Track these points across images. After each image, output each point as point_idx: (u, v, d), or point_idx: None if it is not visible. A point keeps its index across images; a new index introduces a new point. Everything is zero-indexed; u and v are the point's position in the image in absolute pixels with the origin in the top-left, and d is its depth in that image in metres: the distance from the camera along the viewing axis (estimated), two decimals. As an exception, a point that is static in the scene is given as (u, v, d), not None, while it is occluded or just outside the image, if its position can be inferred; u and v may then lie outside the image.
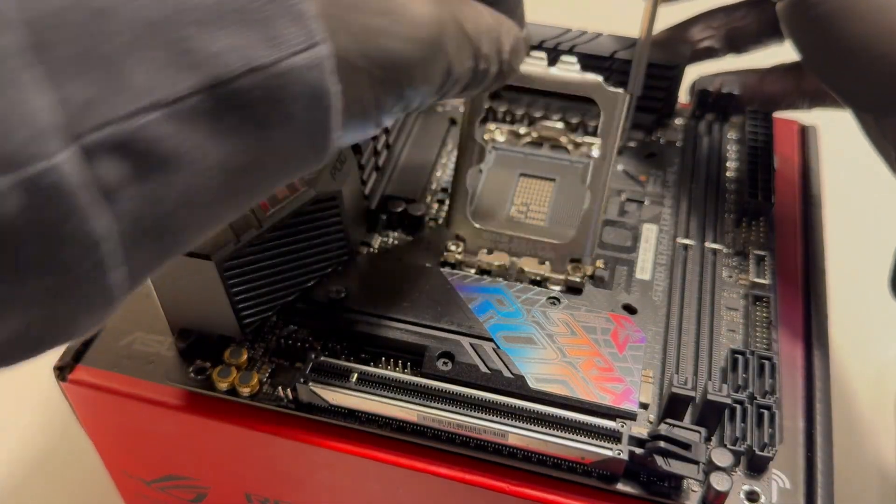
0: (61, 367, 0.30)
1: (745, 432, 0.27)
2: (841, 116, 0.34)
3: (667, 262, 0.33)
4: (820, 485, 0.27)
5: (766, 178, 0.36)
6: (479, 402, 0.27)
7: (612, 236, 0.35)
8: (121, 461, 0.35)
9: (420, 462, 0.27)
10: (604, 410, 0.27)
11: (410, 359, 0.29)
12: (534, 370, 0.27)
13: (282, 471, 0.31)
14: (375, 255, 0.33)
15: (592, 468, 0.26)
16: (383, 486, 0.29)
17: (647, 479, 0.26)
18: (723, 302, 0.32)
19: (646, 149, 0.39)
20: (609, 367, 0.28)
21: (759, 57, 0.39)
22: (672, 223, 0.35)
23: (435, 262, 0.33)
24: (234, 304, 0.28)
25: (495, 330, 0.29)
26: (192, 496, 0.35)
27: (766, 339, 0.31)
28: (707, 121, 0.41)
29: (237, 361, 0.29)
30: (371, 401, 0.27)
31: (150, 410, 0.30)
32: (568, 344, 0.28)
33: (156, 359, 0.30)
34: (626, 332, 0.29)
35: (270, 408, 0.28)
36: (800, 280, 0.34)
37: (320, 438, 0.28)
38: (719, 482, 0.25)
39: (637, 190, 0.37)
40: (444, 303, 0.30)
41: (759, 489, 0.27)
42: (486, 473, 0.27)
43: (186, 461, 0.33)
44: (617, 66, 0.38)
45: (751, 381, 0.28)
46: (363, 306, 0.30)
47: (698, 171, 0.38)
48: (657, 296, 0.32)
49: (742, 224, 0.35)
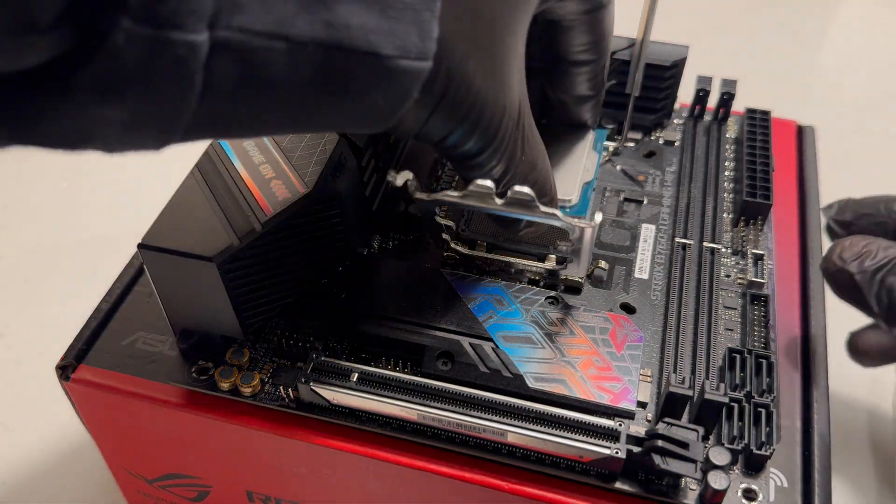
0: (64, 366, 0.31)
1: (743, 431, 0.27)
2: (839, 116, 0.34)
3: (665, 262, 0.34)
4: (817, 483, 0.27)
5: (764, 178, 0.36)
6: (478, 401, 0.27)
7: (610, 236, 0.35)
8: (123, 460, 0.35)
9: (420, 461, 0.28)
10: (602, 409, 0.27)
11: (410, 358, 0.29)
12: (533, 370, 0.28)
13: (283, 469, 0.31)
14: (376, 256, 0.33)
15: (591, 467, 0.27)
16: (384, 484, 0.29)
17: (646, 477, 0.27)
18: (721, 301, 0.32)
19: (644, 148, 0.39)
20: (607, 367, 0.28)
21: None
22: (670, 223, 0.35)
23: (435, 262, 0.33)
24: (235, 305, 0.28)
25: (494, 330, 0.29)
26: (193, 494, 0.35)
27: (763, 339, 0.31)
28: (705, 121, 0.41)
29: (239, 362, 0.29)
30: (371, 400, 0.27)
31: (152, 410, 0.30)
32: (566, 343, 0.29)
33: (158, 358, 0.31)
34: (624, 331, 0.29)
35: (272, 407, 0.29)
36: (797, 279, 0.34)
37: (321, 437, 0.28)
38: (717, 481, 0.25)
39: (636, 190, 0.37)
40: (444, 303, 0.30)
41: (756, 488, 0.27)
42: (485, 472, 0.27)
43: (188, 460, 0.33)
44: (616, 66, 0.38)
45: (748, 380, 0.28)
46: (364, 306, 0.30)
47: (696, 170, 0.38)
48: (655, 295, 0.32)
49: (740, 224, 0.35)
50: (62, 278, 0.52)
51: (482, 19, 0.23)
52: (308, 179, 0.29)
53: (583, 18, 0.30)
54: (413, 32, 0.19)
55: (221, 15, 0.17)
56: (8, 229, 0.55)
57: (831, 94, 0.67)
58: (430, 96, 0.22)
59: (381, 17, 0.19)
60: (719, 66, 0.46)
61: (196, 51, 0.17)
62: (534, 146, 0.27)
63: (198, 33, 0.17)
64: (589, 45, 0.31)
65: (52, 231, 0.55)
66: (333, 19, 0.18)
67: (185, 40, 0.16)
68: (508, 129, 0.25)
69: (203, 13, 0.16)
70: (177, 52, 0.16)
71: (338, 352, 0.30)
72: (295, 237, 0.29)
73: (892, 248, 0.29)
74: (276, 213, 0.28)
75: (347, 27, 0.19)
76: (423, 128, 0.23)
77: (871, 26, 0.77)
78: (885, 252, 0.29)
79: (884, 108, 0.65)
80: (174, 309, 0.30)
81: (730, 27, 0.75)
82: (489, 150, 0.25)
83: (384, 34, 0.19)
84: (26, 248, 0.54)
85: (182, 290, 0.28)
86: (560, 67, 0.32)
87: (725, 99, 0.40)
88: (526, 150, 0.26)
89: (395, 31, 0.19)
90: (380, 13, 0.19)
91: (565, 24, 0.30)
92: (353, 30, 0.19)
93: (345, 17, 0.18)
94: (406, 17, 0.19)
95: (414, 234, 0.34)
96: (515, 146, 0.26)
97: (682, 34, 0.43)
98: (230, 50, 0.17)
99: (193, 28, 0.16)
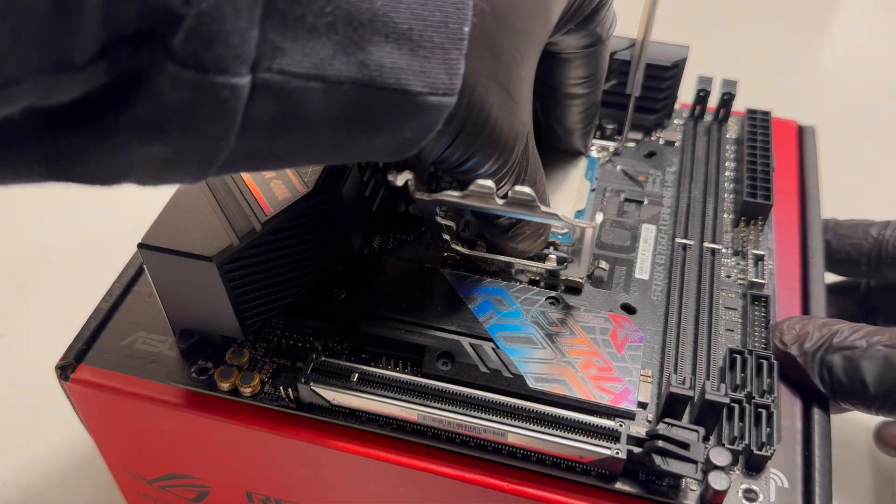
0: (63, 366, 0.31)
1: (744, 431, 0.27)
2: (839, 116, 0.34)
3: (665, 262, 0.34)
4: (818, 484, 0.27)
5: (764, 179, 0.36)
6: (478, 401, 0.27)
7: (610, 236, 0.35)
8: (122, 460, 0.35)
9: (420, 461, 0.28)
10: (602, 410, 0.27)
11: (410, 359, 0.29)
12: (533, 370, 0.28)
13: (283, 470, 0.31)
14: (376, 256, 0.33)
15: (591, 467, 0.27)
16: (384, 484, 0.29)
17: (646, 478, 0.27)
18: (721, 301, 0.32)
19: (645, 148, 0.39)
20: (608, 367, 0.28)
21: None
22: (671, 223, 0.35)
23: (435, 262, 0.33)
24: (235, 306, 0.28)
25: (495, 330, 0.29)
26: (193, 495, 0.35)
27: (764, 339, 0.31)
28: (706, 121, 0.41)
29: (239, 362, 0.29)
30: (372, 400, 0.27)
31: (152, 410, 0.30)
32: (567, 344, 0.29)
33: (158, 359, 0.31)
34: (624, 331, 0.29)
35: (272, 407, 0.29)
36: (798, 280, 0.34)
37: (321, 438, 0.28)
38: (717, 481, 0.25)
39: (636, 190, 0.37)
40: (444, 303, 0.30)
41: (757, 488, 0.27)
42: (485, 472, 0.27)
43: (188, 460, 0.33)
44: (616, 66, 0.38)
45: (749, 381, 0.28)
46: (364, 307, 0.30)
47: (697, 171, 0.38)
48: (656, 295, 0.32)
49: (740, 224, 0.35)
50: (62, 278, 0.52)
51: (501, 56, 0.24)
52: (308, 179, 0.29)
53: (581, 52, 0.31)
54: (442, 70, 0.20)
55: (263, 59, 0.17)
56: (8, 229, 0.55)
57: (832, 95, 0.67)
58: (452, 127, 0.23)
59: (412, 56, 0.20)
60: (720, 67, 0.46)
61: (238, 93, 0.17)
62: (534, 165, 0.28)
63: (241, 77, 0.17)
64: (585, 78, 0.32)
65: (52, 231, 0.55)
66: (368, 60, 0.19)
67: (229, 83, 0.17)
68: (518, 154, 0.26)
69: (247, 57, 0.17)
70: (220, 94, 0.17)
71: (338, 352, 0.30)
72: (295, 237, 0.29)
73: (826, 326, 0.30)
74: (276, 213, 0.28)
75: (380, 67, 0.19)
76: (443, 154, 0.25)
77: (871, 26, 0.77)
78: (821, 331, 0.30)
79: (884, 108, 0.65)
80: (174, 309, 0.30)
81: (730, 27, 0.75)
82: (501, 174, 0.26)
83: (414, 73, 0.20)
84: (26, 248, 0.54)
85: (182, 290, 0.28)
86: (555, 97, 0.33)
87: (726, 99, 0.40)
88: (528, 170, 0.28)
89: (424, 70, 0.20)
90: (410, 53, 0.20)
91: (564, 56, 0.31)
92: (386, 69, 0.19)
93: (378, 58, 0.19)
94: (436, 55, 0.20)
95: (414, 234, 0.34)
96: (522, 168, 0.27)
97: (682, 34, 0.43)
98: (270, 90, 0.18)
99: (237, 72, 0.17)
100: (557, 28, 0.28)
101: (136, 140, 0.17)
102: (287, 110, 0.19)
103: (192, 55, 0.16)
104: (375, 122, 0.21)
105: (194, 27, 0.16)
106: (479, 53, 0.23)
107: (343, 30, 0.19)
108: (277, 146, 0.20)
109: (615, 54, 0.38)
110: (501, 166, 0.26)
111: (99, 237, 0.54)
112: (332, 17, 0.18)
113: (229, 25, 0.16)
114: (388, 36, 0.19)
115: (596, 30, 0.30)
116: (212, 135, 0.18)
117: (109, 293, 0.33)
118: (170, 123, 0.17)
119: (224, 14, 0.16)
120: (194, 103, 0.17)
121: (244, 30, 0.17)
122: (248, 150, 0.19)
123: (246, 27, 0.17)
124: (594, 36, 0.30)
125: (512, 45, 0.24)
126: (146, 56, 0.16)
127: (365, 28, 0.19)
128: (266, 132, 0.19)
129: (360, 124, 0.20)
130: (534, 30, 0.25)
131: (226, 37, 0.16)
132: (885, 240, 0.39)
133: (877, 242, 0.39)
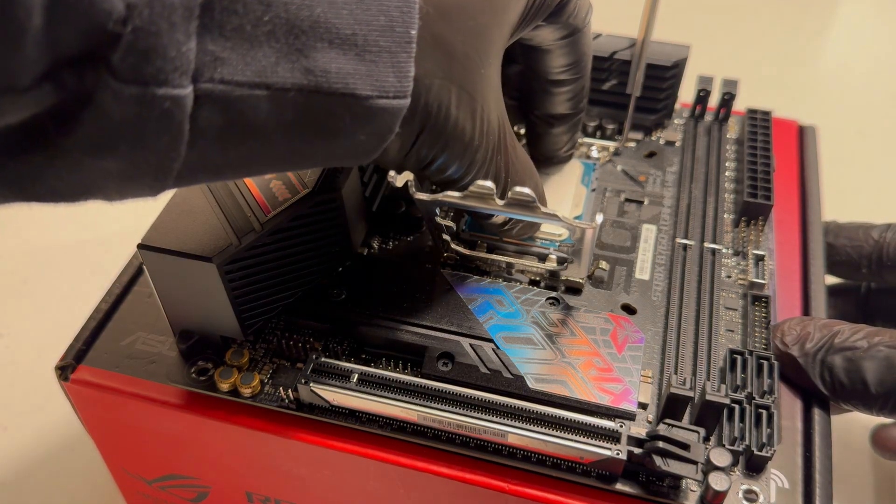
0: (63, 366, 0.31)
1: (744, 432, 0.27)
2: (840, 116, 0.34)
3: (666, 263, 0.34)
4: (818, 484, 0.27)
5: (765, 179, 0.36)
6: (478, 402, 0.27)
7: (611, 236, 0.35)
8: (122, 460, 0.35)
9: (420, 462, 0.28)
10: (603, 410, 0.27)
11: (410, 359, 0.29)
12: (533, 370, 0.28)
13: (283, 470, 0.31)
14: (376, 257, 0.33)
15: (591, 468, 0.26)
16: (384, 485, 0.29)
17: (646, 478, 0.27)
18: (721, 302, 0.32)
19: (645, 148, 0.39)
20: (608, 368, 0.28)
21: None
22: (671, 223, 0.35)
23: (435, 263, 0.33)
24: (235, 306, 0.28)
25: (495, 330, 0.29)
26: (192, 495, 0.35)
27: (764, 340, 0.31)
28: (706, 121, 0.41)
29: (239, 362, 0.29)
30: (371, 401, 0.27)
31: (151, 410, 0.30)
32: (567, 344, 0.29)
33: (157, 359, 0.31)
34: (625, 332, 0.29)
35: (272, 408, 0.29)
36: (798, 280, 0.34)
37: (321, 438, 0.28)
38: (718, 482, 0.25)
39: (636, 190, 0.37)
40: (444, 304, 0.30)
41: (757, 489, 0.27)
42: (485, 473, 0.27)
43: (188, 461, 0.33)
44: (616, 66, 0.38)
45: (749, 381, 0.28)
46: (364, 307, 0.30)
47: (697, 171, 0.38)
48: (656, 296, 0.32)
49: (741, 224, 0.35)
50: (62, 278, 0.52)
51: (455, 56, 0.24)
52: (308, 179, 0.29)
53: (560, 43, 0.31)
54: (390, 74, 0.21)
55: (204, 69, 0.18)
56: (7, 229, 0.55)
57: (832, 95, 0.67)
58: (411, 129, 0.23)
59: (359, 61, 0.20)
60: (720, 66, 0.46)
61: (181, 103, 0.18)
62: (518, 166, 0.28)
63: (182, 87, 0.18)
64: (568, 66, 0.32)
65: (51, 231, 0.55)
66: (312, 66, 0.19)
67: (171, 95, 0.17)
68: (489, 153, 0.26)
69: (186, 69, 0.18)
70: (163, 106, 0.18)
71: (337, 352, 0.30)
72: (295, 237, 0.29)
73: (827, 326, 0.30)
74: (276, 214, 0.28)
75: (326, 72, 0.20)
76: (407, 157, 0.25)
77: (871, 26, 0.77)
78: (822, 332, 0.30)
79: (885, 108, 0.65)
80: (174, 309, 0.30)
81: (730, 27, 0.75)
82: (472, 174, 0.26)
83: (362, 77, 0.20)
84: (26, 248, 0.54)
85: (182, 291, 0.28)
86: (540, 86, 0.33)
87: (726, 99, 0.40)
88: (511, 171, 0.27)
89: (372, 73, 0.20)
90: (357, 57, 0.20)
91: (544, 48, 0.31)
92: (332, 74, 0.20)
93: (323, 64, 0.20)
94: (383, 59, 0.20)
95: (414, 234, 0.34)
96: (499, 168, 0.27)
97: (682, 34, 0.43)
98: (214, 100, 0.18)
99: (178, 83, 0.17)
100: (524, 24, 0.28)
101: (89, 157, 0.18)
102: (235, 119, 0.19)
103: (132, 70, 0.17)
104: (329, 128, 0.21)
105: (132, 43, 0.16)
106: (432, 55, 0.23)
107: (284, 38, 0.19)
108: (233, 155, 0.20)
109: (615, 54, 0.38)
110: (471, 165, 0.26)
111: (99, 237, 0.54)
112: (271, 26, 0.19)
113: (165, 39, 0.17)
114: (331, 42, 0.20)
115: (569, 21, 0.30)
116: (161, 147, 0.18)
117: (109, 293, 0.33)
118: (119, 139, 0.18)
119: (159, 28, 0.17)
120: (140, 117, 0.17)
121: (181, 42, 0.17)
122: (202, 160, 0.19)
123: (182, 40, 0.17)
124: (569, 27, 0.30)
125: (466, 44, 0.24)
126: (90, 75, 0.17)
127: (307, 35, 0.19)
128: (217, 142, 0.19)
129: (315, 131, 0.21)
130: (488, 29, 0.25)
131: (163, 50, 0.17)
132: (886, 243, 0.39)
133: (877, 245, 0.39)
